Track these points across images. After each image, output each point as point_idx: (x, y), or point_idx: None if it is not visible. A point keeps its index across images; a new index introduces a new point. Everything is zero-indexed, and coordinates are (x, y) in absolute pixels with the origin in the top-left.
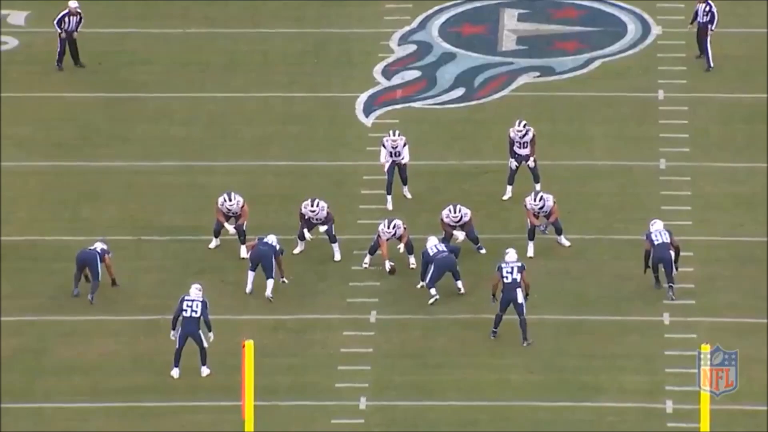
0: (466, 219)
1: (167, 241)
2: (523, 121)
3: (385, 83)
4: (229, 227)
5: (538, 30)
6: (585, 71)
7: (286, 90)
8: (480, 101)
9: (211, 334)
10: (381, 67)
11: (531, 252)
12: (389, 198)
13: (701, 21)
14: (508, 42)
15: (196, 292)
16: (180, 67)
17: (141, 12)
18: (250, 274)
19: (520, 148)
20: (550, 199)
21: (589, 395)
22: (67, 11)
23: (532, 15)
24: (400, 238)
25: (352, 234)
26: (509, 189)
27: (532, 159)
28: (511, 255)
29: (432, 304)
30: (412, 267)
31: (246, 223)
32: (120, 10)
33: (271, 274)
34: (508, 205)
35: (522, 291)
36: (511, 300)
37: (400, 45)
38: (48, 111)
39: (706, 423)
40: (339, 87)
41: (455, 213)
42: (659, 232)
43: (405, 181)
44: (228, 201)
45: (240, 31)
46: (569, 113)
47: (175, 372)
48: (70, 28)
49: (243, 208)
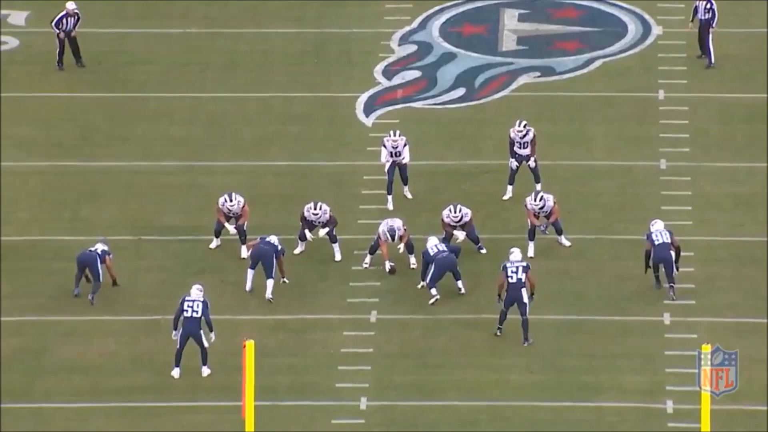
0: (466, 219)
1: (167, 241)
2: (524, 122)
3: (386, 83)
4: (230, 227)
5: (538, 30)
6: (585, 71)
7: (286, 90)
8: (480, 101)
9: (213, 334)
10: (381, 67)
11: (531, 252)
12: (390, 198)
13: (702, 18)
14: (508, 42)
15: (196, 292)
16: (180, 67)
17: (141, 12)
18: (249, 272)
19: (520, 148)
20: (550, 200)
21: (590, 395)
22: (65, 12)
23: (532, 15)
24: (400, 238)
25: (352, 234)
26: (510, 189)
27: (532, 159)
28: (516, 254)
29: (432, 304)
30: (412, 267)
31: (246, 224)
32: (120, 10)
33: (271, 273)
34: (508, 205)
35: (527, 291)
36: (516, 300)
37: (400, 45)
38: (48, 111)
39: (706, 423)
40: (339, 87)
41: (455, 213)
42: (660, 232)
43: (405, 181)
44: (229, 201)
45: (240, 31)
46: (569, 113)
47: (176, 372)
48: (67, 28)
49: (244, 208)
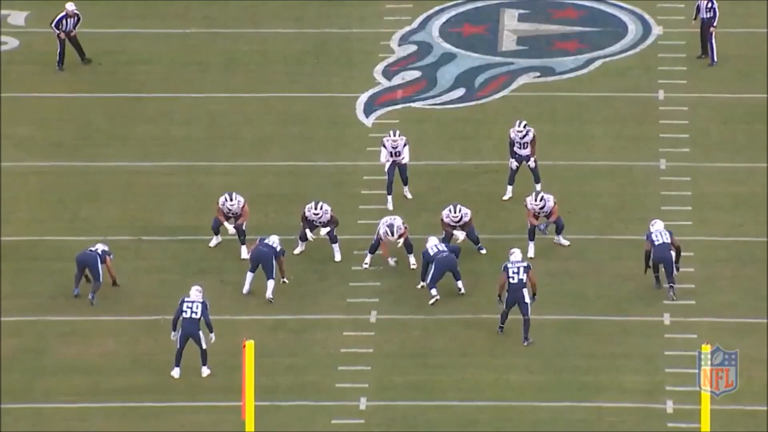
0: (466, 219)
1: (167, 242)
2: (523, 122)
3: (386, 83)
4: (229, 227)
5: (538, 30)
6: (585, 71)
7: (286, 90)
8: (480, 101)
9: (213, 335)
10: (381, 68)
11: (531, 253)
12: (389, 198)
13: (704, 17)
14: (508, 42)
15: (196, 293)
16: (180, 68)
17: (141, 12)
18: (249, 275)
19: (520, 148)
20: (550, 200)
21: (589, 395)
22: (65, 13)
23: (532, 15)
24: (400, 235)
25: (352, 234)
26: (509, 189)
27: (532, 159)
28: (517, 255)
29: (432, 304)
30: (412, 267)
31: (246, 224)
32: (120, 10)
33: (272, 275)
34: (508, 205)
35: (528, 291)
36: (518, 300)
37: (400, 45)
38: (48, 111)
39: (706, 423)
40: (339, 87)
41: (455, 213)
42: (660, 232)
43: (405, 182)
44: (229, 201)
45: (240, 31)
46: (569, 113)
47: (176, 372)
48: (67, 29)
49: (243, 208)
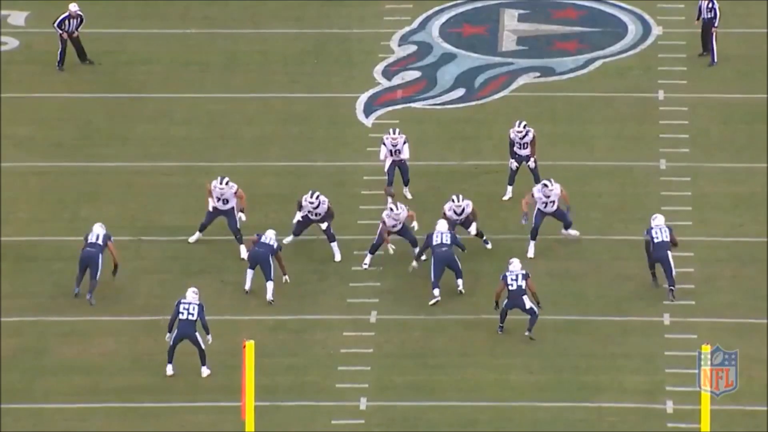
0: (468, 210)
1: (167, 242)
2: (523, 122)
3: (386, 83)
4: (214, 204)
5: (538, 30)
6: (585, 71)
7: (286, 90)
8: (480, 101)
9: (209, 336)
10: (381, 68)
11: (531, 253)
12: (390, 199)
13: (705, 17)
14: (508, 42)
15: (192, 295)
16: (180, 68)
17: (141, 12)
18: (249, 272)
19: (520, 148)
20: (557, 187)
21: (589, 395)
22: (68, 14)
23: (532, 15)
24: (408, 217)
25: (352, 234)
26: (509, 189)
27: (532, 160)
28: (515, 264)
29: (433, 305)
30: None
31: (244, 215)
32: (120, 10)
33: (270, 275)
34: (508, 206)
35: (528, 298)
36: (518, 306)
37: (400, 45)
38: (48, 111)
39: (706, 423)
40: (339, 87)
41: (458, 202)
42: (660, 228)
43: (407, 182)
44: (219, 183)
45: (240, 32)
46: (569, 113)
47: (169, 369)
48: (70, 29)
49: (236, 192)
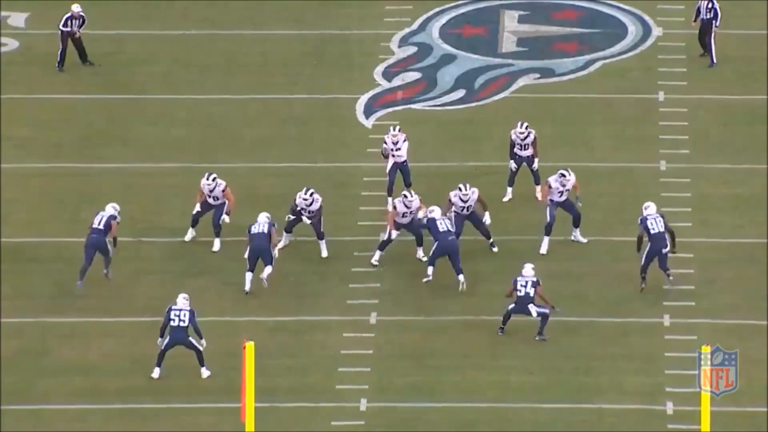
0: (474, 197)
1: (167, 243)
2: (525, 123)
3: (386, 85)
4: (225, 217)
5: (538, 31)
6: (585, 73)
7: (286, 91)
8: (480, 103)
9: (204, 340)
10: (381, 69)
11: (545, 249)
12: (390, 200)
13: (704, 18)
14: (508, 43)
15: (183, 301)
16: (180, 69)
17: (141, 13)
18: (248, 274)
19: (521, 149)
20: (573, 177)
21: (589, 396)
22: (70, 14)
23: (532, 16)
24: (418, 209)
25: (352, 236)
26: (509, 191)
27: (535, 161)
28: (527, 270)
29: (425, 282)
30: (418, 258)
31: (228, 218)
32: (120, 11)
33: (270, 261)
34: (508, 207)
35: (534, 306)
36: (523, 312)
37: (400, 46)
38: (48, 112)
39: (706, 423)
40: (339, 88)
41: (465, 191)
42: (655, 219)
43: (408, 185)
44: (206, 180)
45: (240, 33)
46: (569, 115)
47: (156, 372)
48: (71, 30)
49: (225, 192)
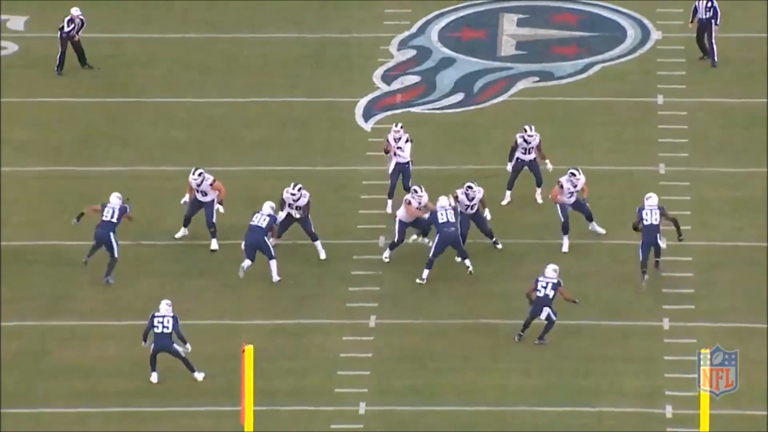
0: (479, 196)
1: (167, 245)
2: (532, 126)
3: (385, 88)
4: (219, 207)
5: (537, 35)
6: (584, 76)
7: (285, 94)
8: (479, 106)
9: (188, 345)
10: (381, 72)
11: (566, 247)
12: (390, 202)
13: (703, 18)
14: (507, 47)
15: (165, 307)
16: (180, 71)
17: (140, 15)
18: (246, 262)
19: (525, 153)
20: (583, 177)
21: (589, 399)
22: (69, 17)
23: (531, 20)
24: (425, 206)
25: (351, 239)
26: (508, 194)
27: (548, 162)
28: (549, 271)
29: (419, 283)
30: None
31: (222, 207)
32: (120, 13)
33: (271, 255)
34: (507, 209)
35: (553, 308)
36: (537, 315)
37: (399, 50)
38: (47, 115)
39: (705, 423)
40: (339, 91)
41: (474, 188)
42: (652, 210)
43: (408, 189)
44: (193, 175)
45: (240, 35)
46: (569, 118)
47: (154, 376)
48: (71, 32)
49: (212, 185)
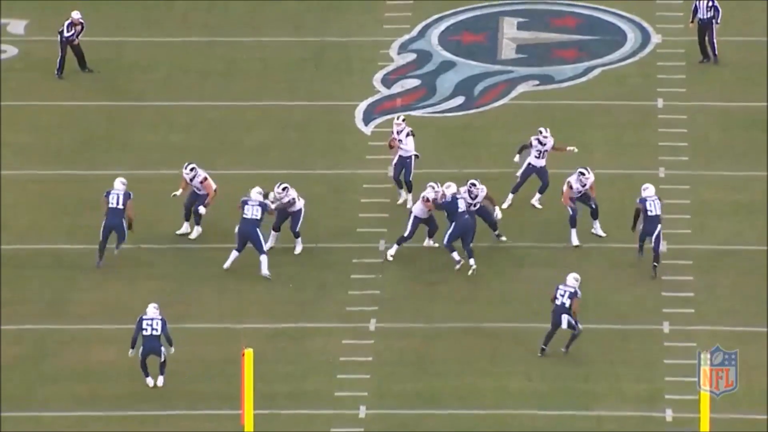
0: (482, 195)
1: (166, 249)
2: (548, 129)
3: (385, 91)
4: (201, 208)
5: (537, 38)
6: (584, 79)
7: (285, 98)
8: (479, 109)
9: (173, 348)
10: (380, 76)
11: (576, 240)
12: (401, 192)
13: (704, 17)
14: (507, 50)
15: (153, 310)
16: (179, 75)
17: (140, 19)
18: (233, 253)
19: (538, 158)
20: (592, 175)
21: (589, 403)
22: (70, 21)
23: (531, 23)
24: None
25: (351, 242)
26: (510, 197)
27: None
28: (570, 280)
29: (458, 269)
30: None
31: (203, 209)
32: (119, 18)
33: (262, 249)
34: (507, 212)
35: (569, 317)
36: (558, 324)
37: (399, 53)
38: (47, 119)
39: (705, 424)
40: (338, 95)
41: (478, 186)
42: (653, 201)
43: (410, 189)
44: (185, 170)
45: (239, 39)
46: (569, 121)
47: (149, 380)
48: (71, 36)
49: (204, 183)
